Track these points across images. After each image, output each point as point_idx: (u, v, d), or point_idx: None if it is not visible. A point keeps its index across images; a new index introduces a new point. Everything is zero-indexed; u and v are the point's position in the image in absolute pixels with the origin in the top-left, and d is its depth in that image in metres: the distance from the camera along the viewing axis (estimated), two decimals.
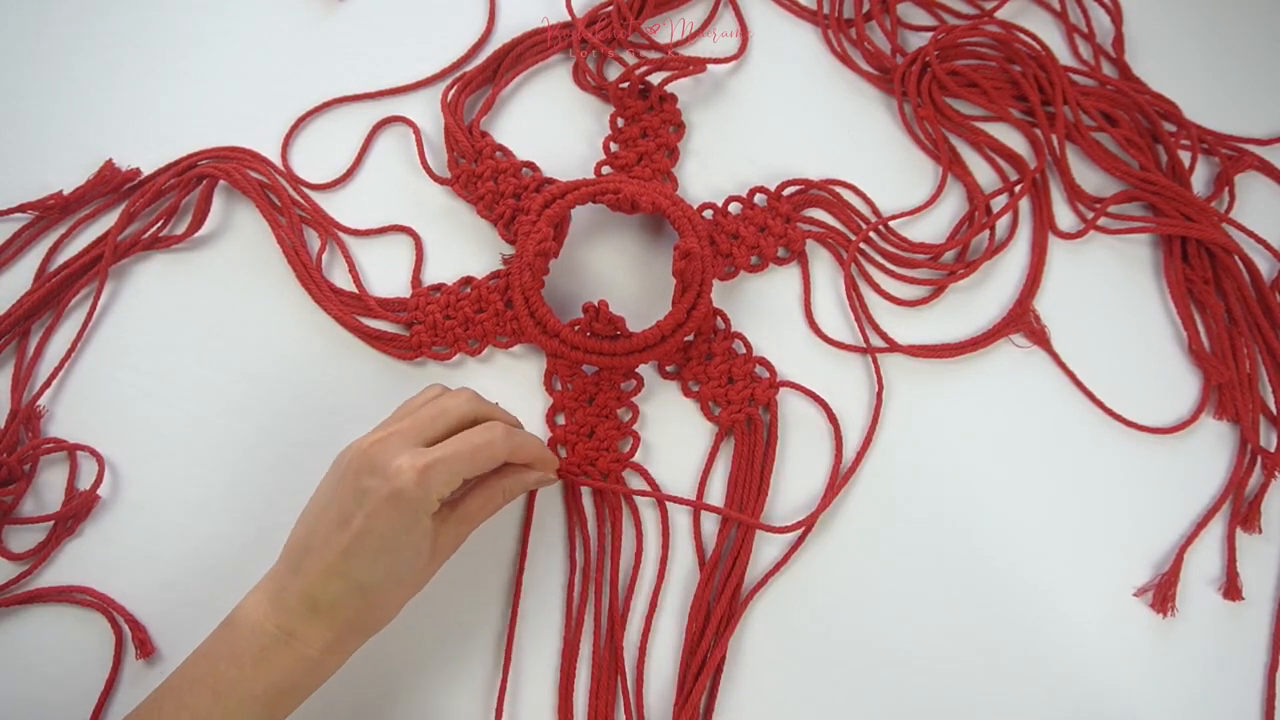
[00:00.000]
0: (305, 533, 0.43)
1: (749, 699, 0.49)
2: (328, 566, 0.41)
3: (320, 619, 0.41)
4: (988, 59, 0.63)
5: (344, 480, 0.42)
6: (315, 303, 0.55)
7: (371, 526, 0.41)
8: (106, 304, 0.56)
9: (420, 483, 0.41)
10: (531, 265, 0.53)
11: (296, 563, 0.42)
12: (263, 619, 0.41)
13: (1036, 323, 0.56)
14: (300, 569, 0.42)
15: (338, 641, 0.42)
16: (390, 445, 0.43)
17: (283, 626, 0.41)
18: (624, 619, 0.50)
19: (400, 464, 0.41)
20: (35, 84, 0.62)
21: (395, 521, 0.41)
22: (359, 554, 0.41)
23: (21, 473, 0.51)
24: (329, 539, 0.41)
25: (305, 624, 0.41)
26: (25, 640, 0.49)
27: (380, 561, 0.41)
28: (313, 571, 0.41)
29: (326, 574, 0.41)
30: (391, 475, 0.41)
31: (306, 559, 0.42)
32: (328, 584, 0.41)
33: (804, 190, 0.59)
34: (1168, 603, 0.50)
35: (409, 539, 0.42)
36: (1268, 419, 0.55)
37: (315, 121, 0.62)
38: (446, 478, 0.42)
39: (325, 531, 0.42)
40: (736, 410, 0.53)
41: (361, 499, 0.41)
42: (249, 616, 0.41)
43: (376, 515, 0.41)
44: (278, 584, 0.42)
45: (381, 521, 0.41)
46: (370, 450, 0.42)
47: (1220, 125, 0.62)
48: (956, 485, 0.53)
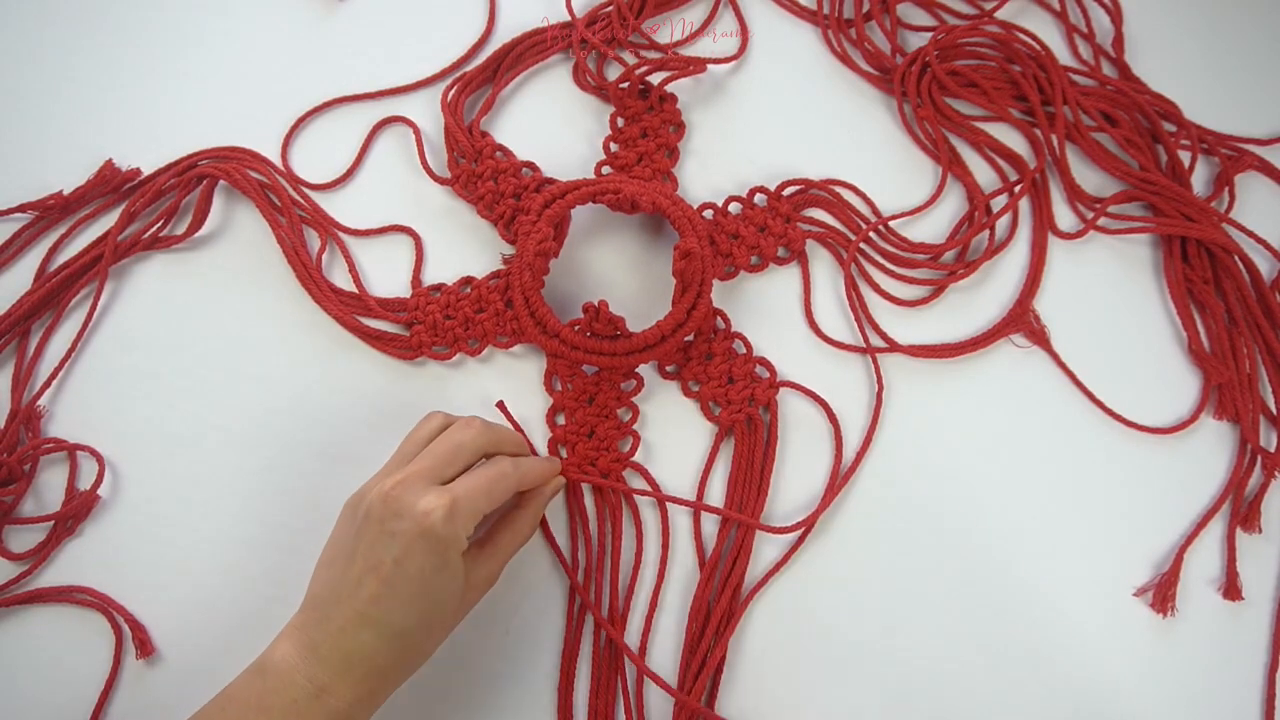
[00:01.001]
0: (330, 581, 0.42)
1: (749, 698, 0.49)
2: (358, 615, 0.40)
3: (352, 671, 0.40)
4: (988, 59, 0.63)
5: (367, 525, 0.42)
6: (315, 303, 0.55)
7: (403, 570, 0.40)
8: (106, 304, 0.56)
9: (449, 521, 0.41)
10: (532, 265, 0.53)
11: (325, 612, 0.41)
12: (292, 670, 0.40)
13: (1036, 323, 0.56)
14: (329, 619, 0.41)
15: (369, 694, 0.41)
16: (413, 486, 0.42)
17: (313, 679, 0.40)
18: (624, 619, 0.50)
19: (427, 504, 0.41)
20: (35, 84, 0.62)
21: (427, 563, 0.41)
22: (390, 600, 0.40)
23: (21, 473, 0.51)
24: (358, 587, 0.40)
25: (336, 677, 0.40)
26: (25, 640, 0.49)
27: (413, 606, 0.41)
28: (342, 621, 0.40)
29: (358, 623, 0.40)
30: (420, 516, 0.41)
31: (335, 608, 0.41)
32: (359, 633, 0.40)
33: (804, 190, 0.59)
34: (1168, 603, 0.50)
35: (441, 580, 0.41)
36: (1268, 419, 0.55)
37: (315, 121, 0.62)
38: (472, 513, 0.42)
39: (353, 579, 0.41)
40: (736, 410, 0.53)
41: (390, 543, 0.41)
42: (278, 666, 0.40)
43: (407, 558, 0.40)
44: (307, 634, 0.41)
45: (413, 564, 0.40)
46: (393, 492, 0.42)
47: (1220, 125, 0.62)
48: (956, 485, 0.53)
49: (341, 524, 0.44)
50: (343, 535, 0.43)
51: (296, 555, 0.50)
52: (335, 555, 0.43)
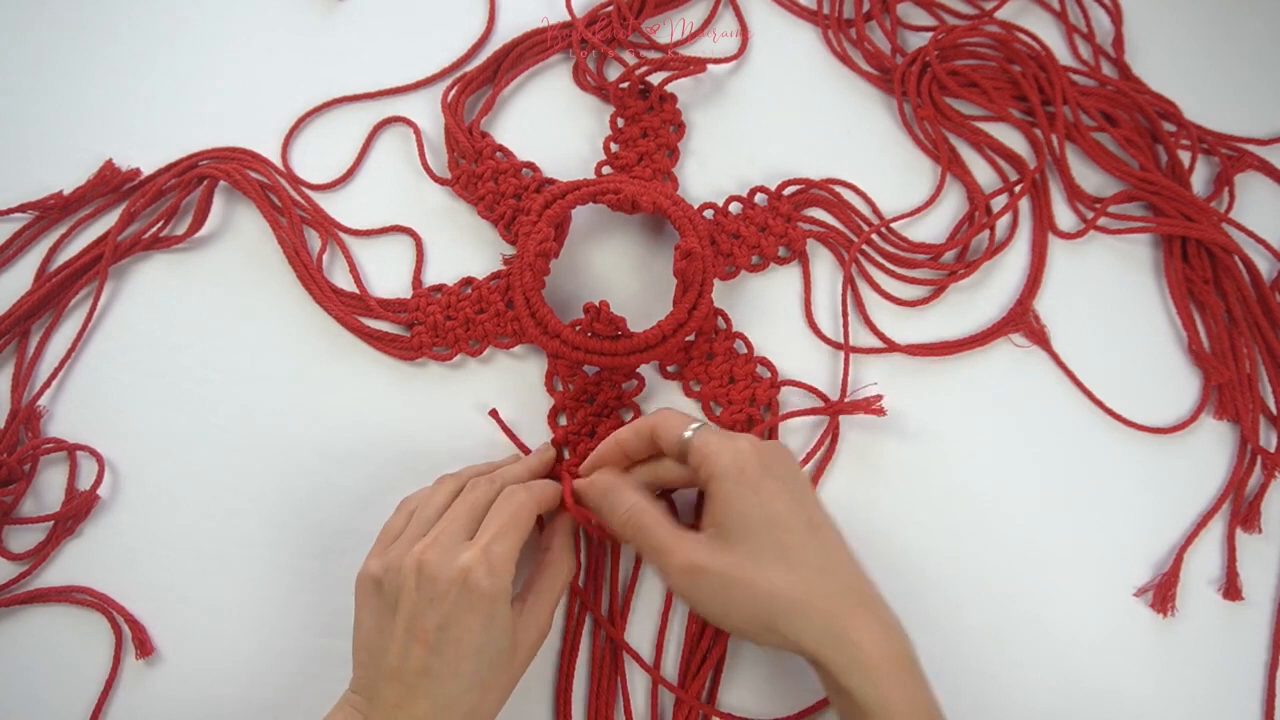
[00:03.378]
0: (372, 660, 0.41)
1: (750, 696, 0.48)
2: (408, 689, 0.39)
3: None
4: (988, 59, 0.63)
5: (403, 596, 0.40)
6: (316, 303, 0.55)
7: (448, 635, 0.39)
8: (106, 304, 0.56)
9: (490, 574, 0.40)
10: (532, 265, 0.53)
11: (371, 692, 0.40)
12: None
13: (1036, 322, 0.56)
14: (378, 698, 0.40)
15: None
16: (442, 545, 0.41)
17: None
18: (624, 618, 0.50)
19: (464, 561, 0.40)
20: (35, 84, 0.62)
21: (473, 621, 0.39)
22: (441, 667, 0.39)
23: (21, 473, 0.51)
24: (404, 660, 0.39)
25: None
26: (25, 640, 0.49)
27: (463, 671, 0.39)
28: (395, 697, 0.39)
29: (411, 697, 0.39)
30: (458, 575, 0.40)
31: (385, 685, 0.40)
32: (413, 707, 0.39)
33: (805, 190, 0.59)
34: (1168, 603, 0.50)
35: (489, 637, 0.40)
36: (1268, 419, 0.55)
37: (315, 121, 0.62)
38: (508, 556, 0.41)
39: (397, 652, 0.40)
40: (738, 410, 0.53)
41: (430, 609, 0.39)
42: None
43: (453, 622, 0.39)
44: (361, 714, 0.40)
45: (459, 626, 0.39)
46: (426, 557, 0.41)
47: (1220, 125, 0.62)
48: (955, 484, 0.53)
49: (364, 602, 0.43)
50: (372, 612, 0.42)
51: (297, 555, 0.50)
52: (370, 634, 0.42)
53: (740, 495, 0.41)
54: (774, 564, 0.40)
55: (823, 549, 0.41)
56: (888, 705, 0.38)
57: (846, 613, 0.39)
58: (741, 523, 0.41)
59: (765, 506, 0.40)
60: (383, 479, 0.50)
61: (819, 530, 0.41)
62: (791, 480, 0.42)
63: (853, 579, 0.40)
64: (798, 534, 0.40)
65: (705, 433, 0.44)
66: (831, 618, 0.39)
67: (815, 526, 0.41)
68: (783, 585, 0.40)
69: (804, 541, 0.40)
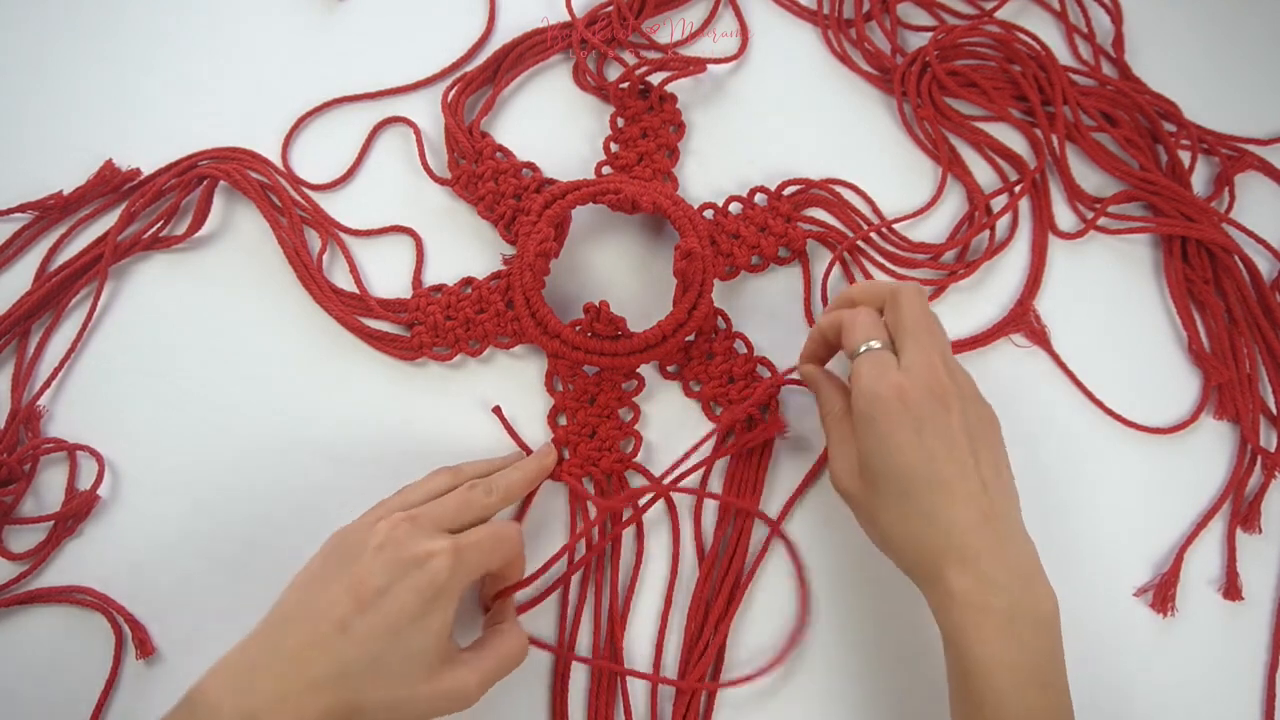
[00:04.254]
0: (295, 602, 0.40)
1: (749, 695, 0.48)
2: (317, 640, 0.37)
3: (292, 706, 0.36)
4: (988, 59, 0.63)
5: (361, 550, 0.40)
6: (316, 303, 0.55)
7: (383, 601, 0.38)
8: (106, 304, 0.56)
9: (453, 568, 0.40)
10: (532, 266, 0.53)
11: (275, 639, 0.38)
12: (221, 700, 0.36)
13: (1036, 322, 0.56)
14: (281, 642, 0.38)
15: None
16: (423, 525, 0.41)
17: (243, 711, 0.36)
18: (624, 619, 0.50)
19: (434, 545, 0.40)
20: (35, 84, 0.62)
21: (412, 603, 0.38)
22: (359, 630, 0.37)
23: (21, 473, 0.51)
24: (329, 606, 0.38)
25: (271, 713, 0.36)
26: (25, 640, 0.49)
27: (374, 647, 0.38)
28: (297, 644, 0.37)
29: (312, 648, 0.37)
30: (422, 554, 0.39)
31: (293, 628, 0.38)
32: (309, 661, 0.37)
33: (804, 190, 0.59)
34: (1168, 603, 0.50)
35: (416, 630, 0.38)
36: (1268, 419, 0.55)
37: (315, 122, 0.62)
38: (476, 566, 0.41)
39: (327, 598, 0.39)
40: (738, 409, 0.53)
41: (382, 570, 0.39)
42: (207, 698, 0.37)
43: (394, 591, 0.38)
44: (246, 660, 0.38)
45: (397, 599, 0.38)
46: (403, 525, 0.40)
47: (1220, 125, 0.62)
48: None
49: (322, 552, 0.42)
50: (325, 561, 0.41)
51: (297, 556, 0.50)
52: (310, 577, 0.41)
53: (871, 436, 0.42)
54: (894, 508, 0.42)
55: (941, 502, 0.41)
56: (973, 654, 0.39)
57: (943, 561, 0.40)
58: (869, 462, 0.43)
59: (892, 456, 0.41)
60: (383, 479, 0.50)
61: (942, 487, 0.41)
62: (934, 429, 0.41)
63: (965, 532, 0.40)
64: (919, 485, 0.41)
65: (866, 359, 0.43)
66: (927, 566, 0.41)
67: (939, 484, 0.41)
68: (895, 529, 0.42)
69: (923, 493, 0.41)
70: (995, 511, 0.41)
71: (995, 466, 0.42)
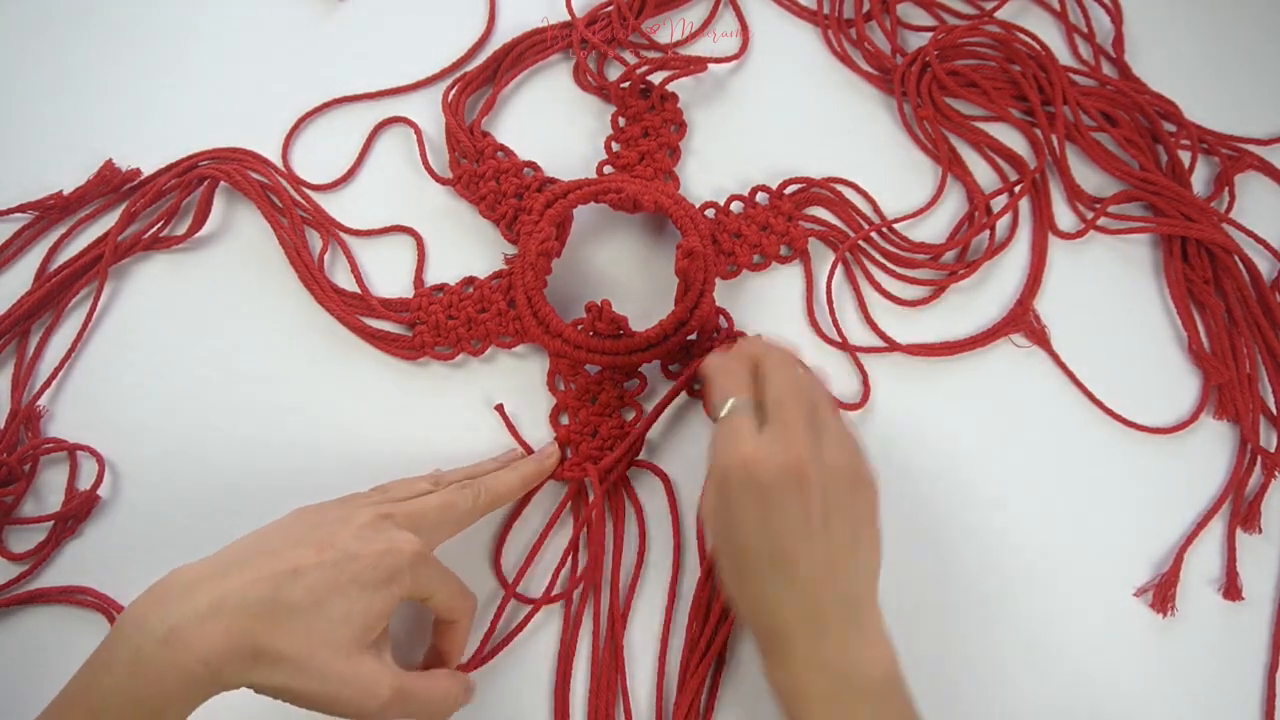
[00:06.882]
0: (247, 548, 0.40)
1: (750, 696, 0.48)
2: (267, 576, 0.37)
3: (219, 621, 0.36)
4: (988, 59, 0.63)
5: (337, 522, 0.41)
6: (317, 303, 0.55)
7: (346, 565, 0.39)
8: (106, 304, 0.56)
9: (415, 564, 0.41)
10: (534, 265, 0.53)
11: (220, 567, 0.38)
12: (148, 612, 0.36)
13: (1036, 322, 0.56)
14: (224, 574, 0.37)
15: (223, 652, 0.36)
16: (400, 521, 0.42)
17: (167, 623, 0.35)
18: (625, 618, 0.50)
19: (406, 538, 0.41)
20: (35, 84, 0.62)
21: (370, 577, 0.39)
22: (309, 579, 0.38)
23: (21, 473, 0.51)
24: (285, 553, 0.38)
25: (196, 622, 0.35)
26: (25, 640, 0.49)
27: (318, 597, 0.38)
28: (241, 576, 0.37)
29: (259, 581, 0.37)
30: (398, 540, 0.41)
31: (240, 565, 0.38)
32: (250, 588, 0.37)
33: (806, 188, 0.59)
34: (1168, 603, 0.50)
35: (363, 601, 0.39)
36: (1268, 419, 0.55)
37: (316, 122, 0.62)
38: (430, 580, 0.42)
39: (282, 546, 0.39)
40: None
41: (353, 540, 0.40)
42: (133, 613, 0.36)
43: (362, 562, 0.39)
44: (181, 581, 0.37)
45: (358, 568, 0.39)
46: (385, 517, 0.42)
47: (1220, 125, 0.62)
48: (956, 484, 0.53)
49: (285, 521, 0.42)
50: (286, 526, 0.42)
51: None
52: (263, 532, 0.41)
53: (717, 506, 0.41)
54: (733, 573, 0.41)
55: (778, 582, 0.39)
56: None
57: (771, 639, 0.40)
58: (713, 525, 0.42)
59: (735, 530, 0.40)
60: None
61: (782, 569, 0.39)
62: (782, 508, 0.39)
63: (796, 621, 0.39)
64: (760, 562, 0.39)
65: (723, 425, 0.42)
66: (759, 637, 0.41)
67: (779, 564, 0.39)
68: (732, 590, 0.42)
69: (763, 570, 0.39)
70: (837, 593, 0.39)
71: (851, 543, 0.40)
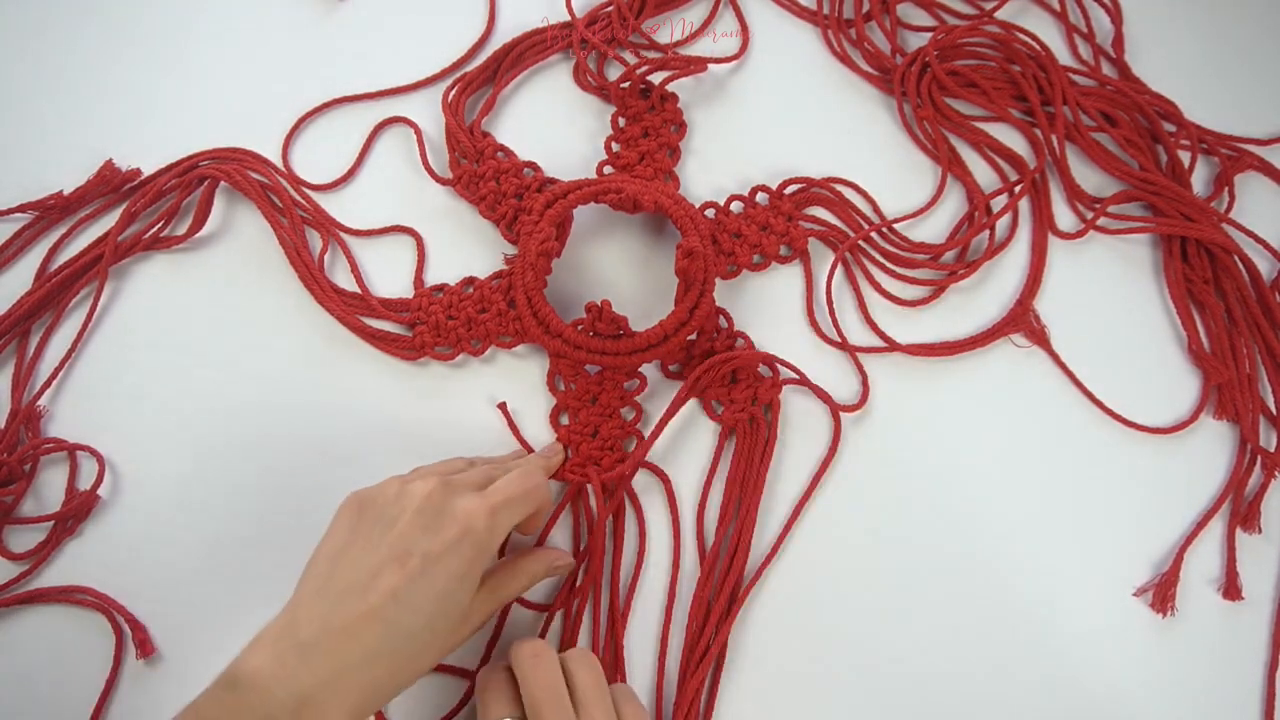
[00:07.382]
0: (333, 572, 0.38)
1: (750, 696, 0.48)
2: (370, 612, 0.37)
3: (344, 681, 0.35)
4: (988, 59, 0.63)
5: (401, 517, 0.40)
6: (317, 303, 0.55)
7: (431, 568, 0.38)
8: (106, 304, 0.56)
9: (490, 526, 0.40)
10: (534, 265, 0.53)
11: (324, 610, 0.37)
12: (270, 682, 0.35)
13: (1036, 322, 0.56)
14: (329, 617, 0.37)
15: (356, 711, 0.36)
16: (452, 487, 0.41)
17: (296, 692, 0.35)
18: (625, 618, 0.50)
19: (470, 505, 0.40)
20: (35, 84, 0.62)
21: (458, 566, 0.39)
22: (411, 597, 0.37)
23: (21, 473, 0.51)
24: (374, 578, 0.38)
25: (324, 688, 0.35)
26: (25, 640, 0.49)
27: (429, 609, 0.38)
28: (346, 619, 0.36)
29: (366, 620, 0.36)
30: (461, 516, 0.40)
31: (339, 604, 0.37)
32: (364, 633, 0.36)
33: (806, 188, 0.59)
34: (1168, 603, 0.50)
35: (459, 589, 0.39)
36: (1268, 419, 0.55)
37: (316, 122, 0.62)
38: (508, 521, 0.41)
39: (369, 570, 0.38)
40: (739, 409, 0.53)
41: (423, 537, 0.39)
42: (253, 679, 0.35)
43: (442, 556, 0.38)
44: (294, 638, 0.36)
45: (444, 564, 0.38)
46: (439, 489, 0.41)
47: (1220, 125, 0.62)
48: (956, 484, 0.53)
49: (344, 520, 0.41)
50: (350, 529, 0.41)
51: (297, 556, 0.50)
52: (341, 546, 0.40)
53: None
54: None
55: None
56: None
57: None
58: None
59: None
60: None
61: None
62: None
63: None
64: None
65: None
66: None
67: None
68: None
69: None
70: None
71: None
